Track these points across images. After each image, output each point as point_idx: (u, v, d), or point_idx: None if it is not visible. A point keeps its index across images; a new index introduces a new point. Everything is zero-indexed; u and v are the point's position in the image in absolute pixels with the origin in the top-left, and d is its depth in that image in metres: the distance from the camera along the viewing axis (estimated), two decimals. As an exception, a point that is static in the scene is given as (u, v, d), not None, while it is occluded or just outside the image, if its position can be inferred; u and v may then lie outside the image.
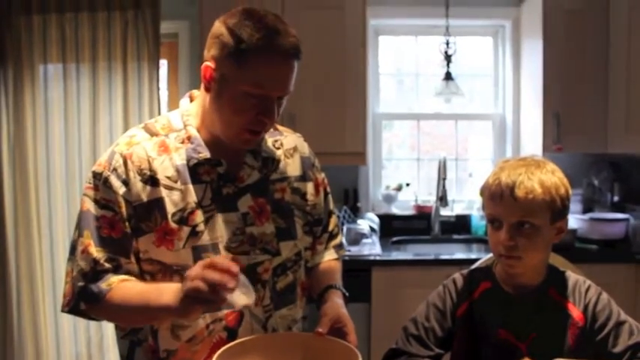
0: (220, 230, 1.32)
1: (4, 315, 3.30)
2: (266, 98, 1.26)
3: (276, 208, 1.40)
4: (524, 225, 1.33)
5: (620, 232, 3.13)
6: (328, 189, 1.58)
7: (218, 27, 1.27)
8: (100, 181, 1.29)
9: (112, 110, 3.27)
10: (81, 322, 3.34)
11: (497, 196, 1.34)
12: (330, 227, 1.58)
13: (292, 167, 1.47)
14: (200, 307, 1.11)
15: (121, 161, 1.29)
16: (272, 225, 1.38)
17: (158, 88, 3.28)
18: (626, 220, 3.16)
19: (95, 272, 1.26)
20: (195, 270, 1.11)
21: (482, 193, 1.41)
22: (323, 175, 1.56)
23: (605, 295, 1.40)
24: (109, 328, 3.30)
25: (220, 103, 1.28)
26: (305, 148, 1.53)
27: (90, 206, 1.29)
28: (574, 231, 3.08)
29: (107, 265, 1.27)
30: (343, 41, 3.10)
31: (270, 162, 1.43)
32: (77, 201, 3.20)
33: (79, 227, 1.30)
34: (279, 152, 1.45)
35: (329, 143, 2.97)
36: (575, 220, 3.15)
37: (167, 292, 1.18)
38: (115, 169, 1.29)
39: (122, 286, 1.25)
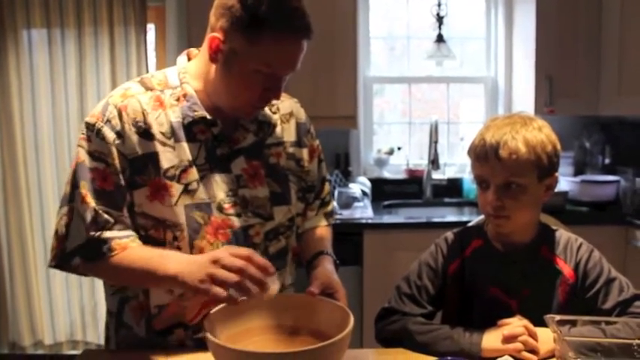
0: (213, 190, 1.31)
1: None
2: (274, 76, 1.25)
3: (271, 172, 1.39)
4: (510, 185, 1.32)
5: (610, 194, 3.15)
6: (322, 156, 1.57)
7: None
8: (92, 133, 1.27)
9: (99, 76, 3.23)
10: (74, 291, 3.34)
11: (482, 156, 1.33)
12: (323, 194, 1.58)
13: (288, 132, 1.45)
14: (219, 289, 1.08)
15: (115, 113, 1.27)
16: (266, 189, 1.37)
17: (146, 53, 3.23)
18: (617, 182, 3.17)
19: (96, 223, 1.24)
20: (229, 258, 1.10)
21: (469, 153, 1.40)
22: (317, 141, 1.55)
23: (596, 253, 1.40)
24: (101, 296, 3.30)
25: (228, 76, 1.26)
26: (301, 114, 1.51)
27: (84, 158, 1.27)
28: (565, 193, 3.10)
29: (105, 216, 1.25)
30: (333, 3, 3.05)
31: (266, 126, 1.41)
32: (66, 166, 3.19)
33: (75, 178, 1.27)
34: (275, 117, 1.44)
35: (320, 107, 2.94)
36: (566, 183, 3.16)
37: (173, 261, 1.18)
38: (108, 121, 1.27)
39: (129, 252, 1.24)
